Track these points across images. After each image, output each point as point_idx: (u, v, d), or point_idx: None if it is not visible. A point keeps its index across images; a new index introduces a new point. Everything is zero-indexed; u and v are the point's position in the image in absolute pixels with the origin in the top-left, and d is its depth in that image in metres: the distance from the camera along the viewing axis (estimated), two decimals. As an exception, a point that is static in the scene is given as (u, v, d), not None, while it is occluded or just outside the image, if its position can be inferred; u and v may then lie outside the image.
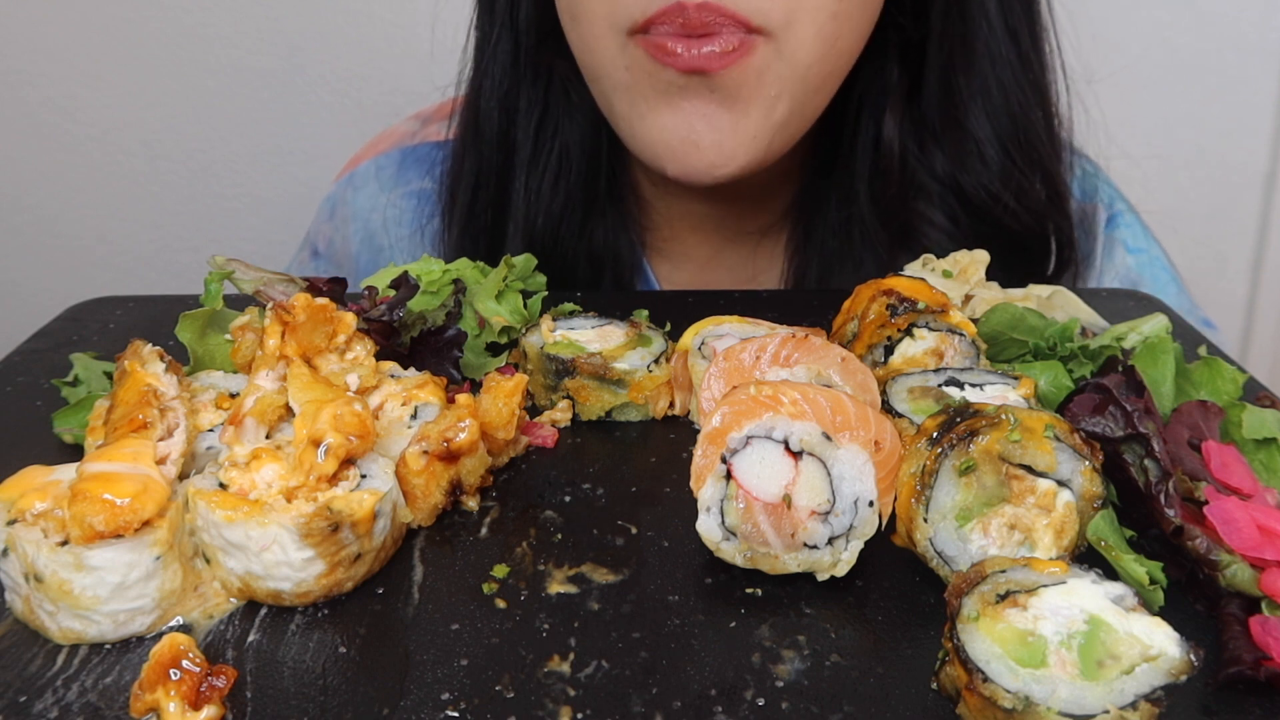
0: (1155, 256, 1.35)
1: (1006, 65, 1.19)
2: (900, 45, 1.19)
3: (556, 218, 1.25)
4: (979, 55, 1.18)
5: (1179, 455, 0.76)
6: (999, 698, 0.57)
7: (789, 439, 0.71)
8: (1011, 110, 1.19)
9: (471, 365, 0.95)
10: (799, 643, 0.66)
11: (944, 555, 0.70)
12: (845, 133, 1.22)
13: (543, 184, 1.25)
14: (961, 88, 1.19)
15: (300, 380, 0.76)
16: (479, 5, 1.27)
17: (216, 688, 0.61)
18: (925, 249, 1.20)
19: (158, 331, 0.93)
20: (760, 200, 1.30)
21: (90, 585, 0.64)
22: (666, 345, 0.93)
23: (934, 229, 1.21)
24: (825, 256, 1.26)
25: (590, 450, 0.88)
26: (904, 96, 1.21)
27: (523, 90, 1.24)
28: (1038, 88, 1.22)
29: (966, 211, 1.21)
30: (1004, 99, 1.19)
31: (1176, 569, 0.71)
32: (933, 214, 1.21)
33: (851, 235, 1.24)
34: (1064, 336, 0.92)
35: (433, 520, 0.77)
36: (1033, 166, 1.21)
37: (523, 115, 1.25)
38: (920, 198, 1.22)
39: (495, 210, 1.27)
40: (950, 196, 1.21)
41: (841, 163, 1.24)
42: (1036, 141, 1.21)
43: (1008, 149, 1.20)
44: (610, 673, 0.64)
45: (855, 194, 1.23)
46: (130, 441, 0.70)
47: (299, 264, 1.48)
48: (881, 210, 1.22)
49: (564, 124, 1.24)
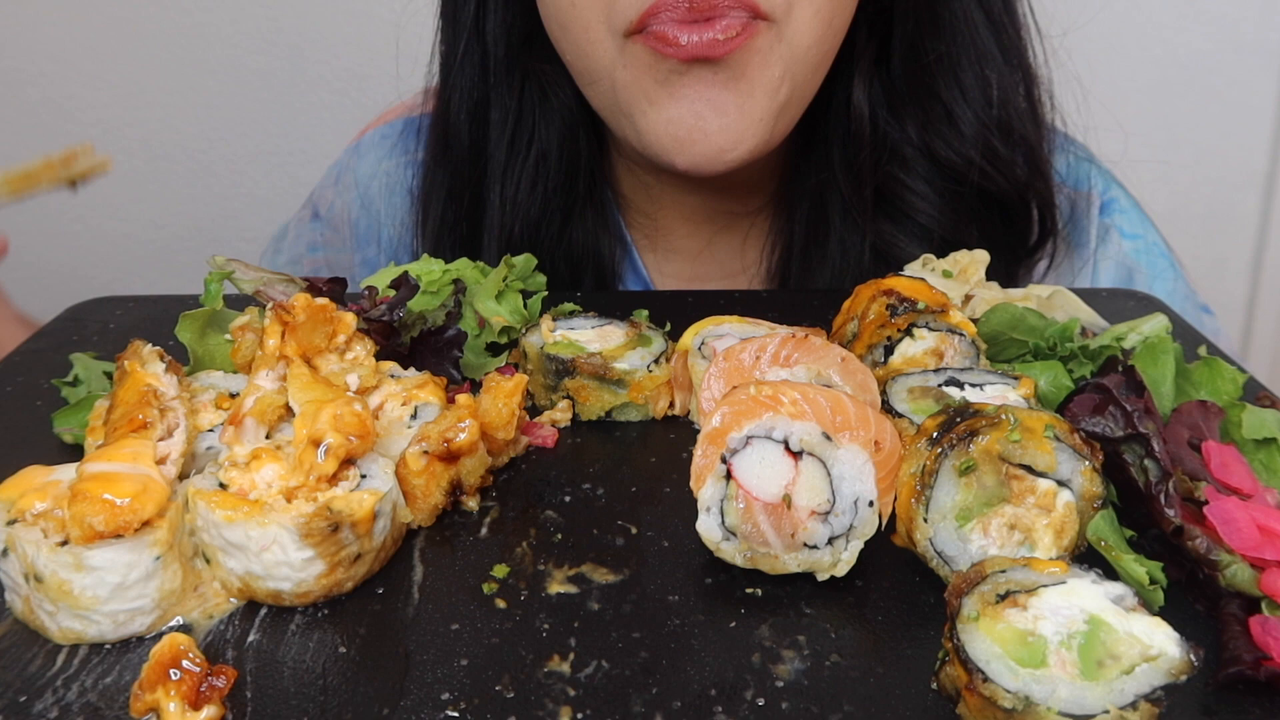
0: (1153, 242, 1.34)
1: (977, 31, 1.18)
2: (869, 11, 1.18)
3: (534, 224, 1.24)
4: (945, 21, 1.17)
5: (1179, 455, 0.76)
6: (999, 698, 0.57)
7: (789, 439, 0.71)
8: (985, 78, 1.19)
9: (471, 365, 0.95)
10: (799, 643, 0.66)
11: (944, 555, 0.70)
12: (819, 100, 1.21)
13: (519, 192, 1.24)
14: (929, 53, 1.18)
15: (300, 380, 0.76)
16: (442, 18, 1.25)
17: (216, 688, 0.61)
18: (907, 215, 1.19)
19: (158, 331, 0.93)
20: (748, 185, 1.29)
21: (90, 585, 0.64)
22: (666, 345, 0.93)
23: (914, 195, 1.20)
24: (806, 226, 1.25)
25: (590, 450, 0.88)
26: (872, 61, 1.20)
27: (494, 100, 1.23)
28: (1013, 54, 1.21)
29: (943, 177, 1.20)
30: (978, 66, 1.19)
31: (1176, 569, 0.71)
32: (911, 180, 1.20)
33: (828, 202, 1.23)
34: (1064, 336, 0.92)
35: (433, 520, 0.77)
36: (1009, 135, 1.20)
37: (495, 126, 1.24)
38: (895, 163, 1.21)
39: (469, 223, 1.27)
40: (925, 162, 1.20)
41: (816, 132, 1.23)
42: (1014, 111, 1.20)
43: (982, 117, 1.19)
44: (610, 673, 0.64)
45: (829, 160, 1.22)
46: (130, 441, 0.70)
47: (298, 221, 1.48)
48: (854, 175, 1.21)
49: (540, 129, 1.23)
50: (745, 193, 1.30)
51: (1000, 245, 1.22)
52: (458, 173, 1.26)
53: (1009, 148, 1.20)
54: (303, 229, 1.47)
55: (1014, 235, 1.25)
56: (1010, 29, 1.21)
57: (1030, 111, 1.22)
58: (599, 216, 1.28)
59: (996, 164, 1.19)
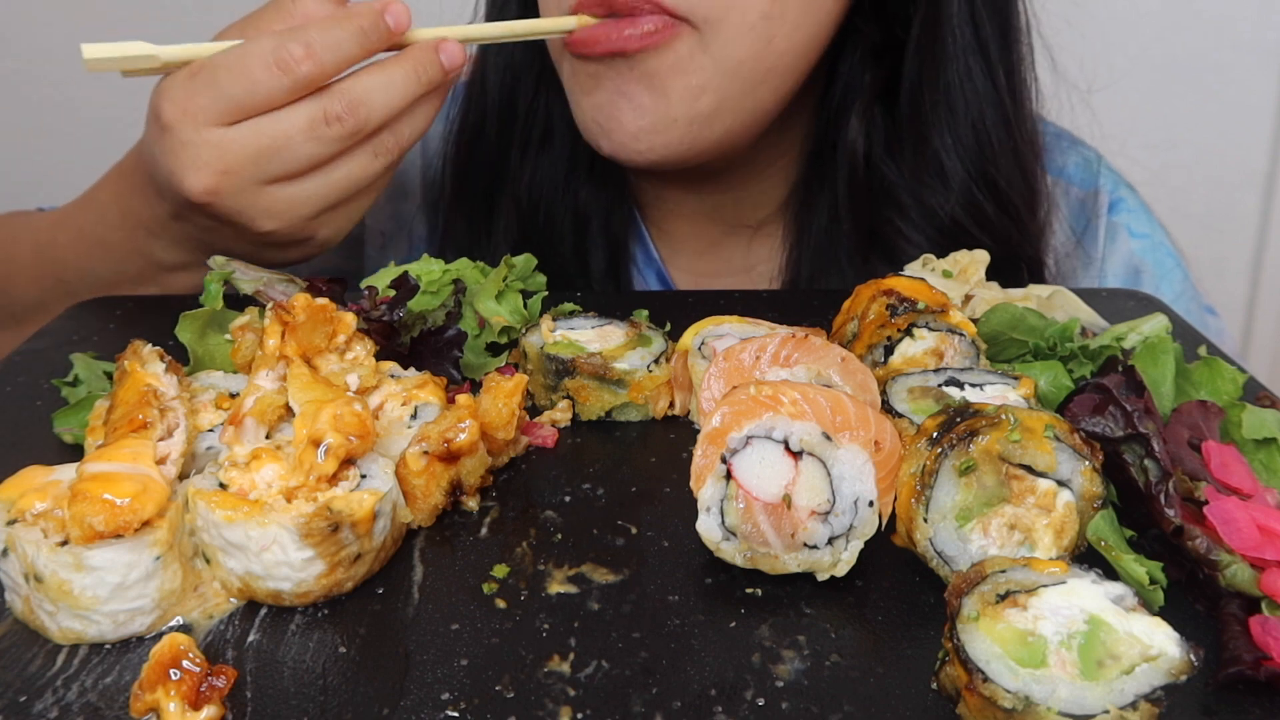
0: (1160, 241, 1.34)
1: (972, 81, 1.17)
2: (876, 49, 1.19)
3: (544, 185, 1.29)
4: (944, 66, 1.17)
5: (1179, 455, 0.76)
6: (999, 698, 0.57)
7: (789, 439, 0.71)
8: (977, 137, 1.18)
9: (471, 365, 0.95)
10: (799, 643, 0.66)
11: (944, 555, 0.70)
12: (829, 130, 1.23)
13: (539, 153, 1.29)
14: (926, 100, 1.18)
15: (300, 380, 0.76)
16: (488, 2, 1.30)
17: (216, 688, 0.61)
18: (901, 261, 1.18)
19: (158, 331, 0.93)
20: (752, 194, 1.30)
21: (90, 585, 0.64)
22: (666, 345, 0.93)
23: (907, 243, 1.20)
24: (817, 255, 1.27)
25: (590, 450, 0.88)
26: (874, 102, 1.21)
27: (522, 74, 1.28)
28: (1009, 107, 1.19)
29: (935, 228, 1.20)
30: (968, 117, 1.18)
31: (1176, 569, 0.71)
32: (905, 227, 1.21)
33: (836, 237, 1.25)
34: (1064, 336, 0.92)
35: (433, 520, 0.77)
36: (999, 199, 1.20)
37: (523, 85, 1.29)
38: (891, 207, 1.21)
39: (491, 176, 1.31)
40: (919, 211, 1.20)
41: (828, 162, 1.25)
42: (1005, 173, 1.20)
43: (970, 172, 1.19)
44: (610, 673, 0.64)
45: (837, 197, 1.24)
46: (130, 441, 0.70)
47: None
48: (853, 216, 1.22)
49: (553, 101, 1.27)
50: (747, 199, 1.31)
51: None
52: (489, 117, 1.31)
53: (997, 207, 1.20)
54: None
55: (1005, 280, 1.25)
56: (1007, 88, 1.20)
57: (1020, 171, 1.21)
58: (608, 191, 1.31)
59: (980, 220, 1.20)
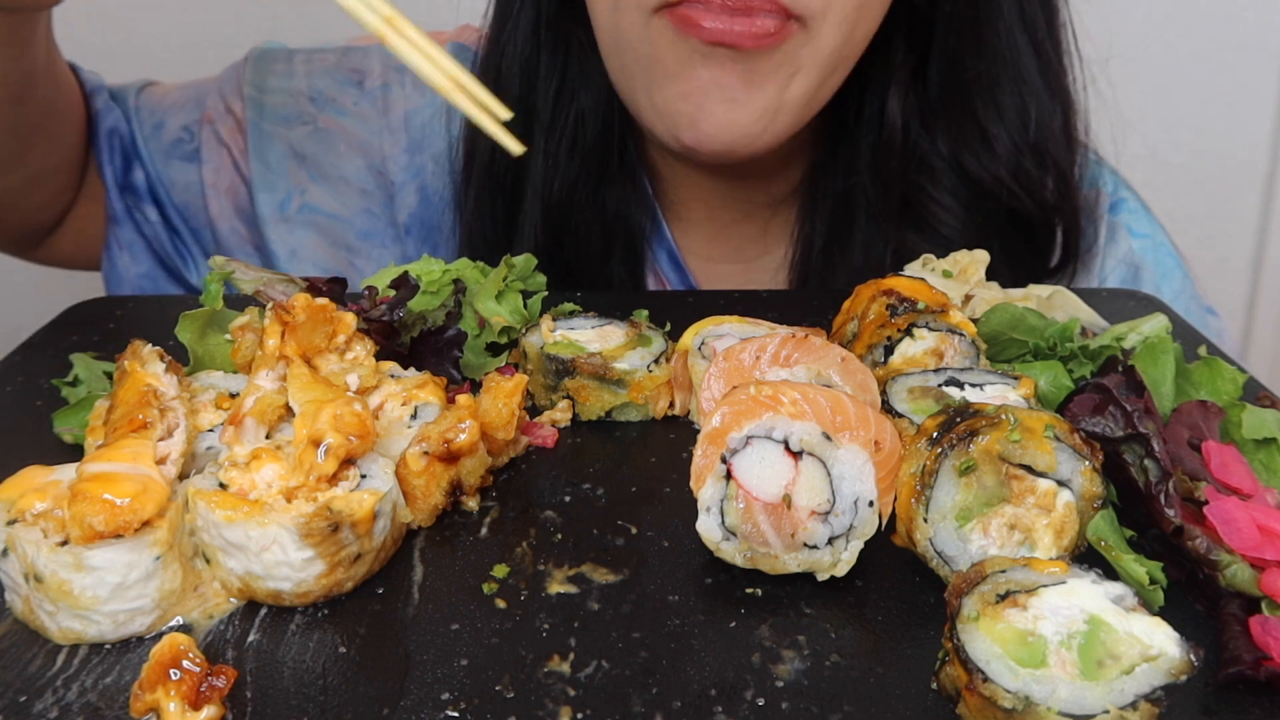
0: (1160, 242, 1.35)
1: (1020, 54, 1.19)
2: (909, 23, 1.19)
3: (571, 183, 1.26)
4: (987, 40, 1.18)
5: (1179, 455, 0.76)
6: (999, 698, 0.57)
7: (789, 439, 0.71)
8: (1023, 100, 1.20)
9: (471, 365, 0.95)
10: (799, 643, 0.66)
11: (944, 555, 0.70)
12: (850, 106, 1.23)
13: (560, 149, 1.26)
14: (968, 70, 1.19)
15: (300, 380, 0.76)
16: None
17: (216, 688, 0.61)
18: (931, 226, 1.20)
19: (158, 331, 0.93)
20: (770, 176, 1.31)
21: (90, 585, 0.64)
22: (666, 345, 0.93)
23: (939, 208, 1.22)
24: (830, 225, 1.27)
25: (590, 450, 0.88)
26: (909, 74, 1.21)
27: (542, 57, 1.25)
28: (1053, 79, 1.22)
29: (970, 192, 1.22)
30: (1016, 88, 1.20)
31: (1176, 569, 0.71)
32: (938, 192, 1.22)
33: (854, 204, 1.25)
34: (1064, 336, 0.92)
35: (433, 520, 0.77)
36: (1042, 158, 1.21)
37: (542, 81, 1.26)
38: (923, 174, 1.22)
39: (514, 175, 1.28)
40: (953, 176, 1.22)
41: (846, 135, 1.25)
42: (1049, 135, 1.21)
43: (1016, 138, 1.20)
44: (610, 673, 0.64)
45: (858, 164, 1.24)
46: (130, 441, 0.70)
47: None
48: (882, 182, 1.23)
49: (580, 93, 1.25)
50: (765, 181, 1.31)
51: (1021, 262, 1.23)
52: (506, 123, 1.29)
53: (1040, 170, 1.21)
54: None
55: (1036, 254, 1.26)
56: (1053, 54, 1.22)
57: (1065, 137, 1.23)
58: (632, 187, 1.30)
59: (1026, 185, 1.21)
